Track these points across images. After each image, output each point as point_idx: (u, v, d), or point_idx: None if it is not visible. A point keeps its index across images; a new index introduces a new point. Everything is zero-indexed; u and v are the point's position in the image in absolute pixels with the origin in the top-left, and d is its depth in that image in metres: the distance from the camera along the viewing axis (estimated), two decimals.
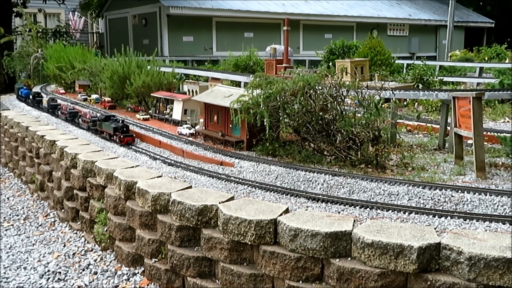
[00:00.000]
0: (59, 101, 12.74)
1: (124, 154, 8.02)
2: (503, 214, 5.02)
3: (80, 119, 10.26)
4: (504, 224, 4.74)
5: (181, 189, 6.08)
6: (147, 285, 6.02)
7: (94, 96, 13.29)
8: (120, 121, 8.75)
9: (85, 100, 13.55)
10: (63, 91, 15.64)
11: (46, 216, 8.88)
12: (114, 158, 7.71)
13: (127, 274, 6.31)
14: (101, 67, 13.11)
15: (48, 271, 6.57)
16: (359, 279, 4.53)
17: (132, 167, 7.16)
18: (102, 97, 13.13)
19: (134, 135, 8.74)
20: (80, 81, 15.10)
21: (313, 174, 6.35)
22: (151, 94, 11.11)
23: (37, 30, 21.85)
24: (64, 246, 7.43)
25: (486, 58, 23.14)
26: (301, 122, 7.09)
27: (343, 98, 7.28)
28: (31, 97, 13.97)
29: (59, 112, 11.55)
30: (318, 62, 19.47)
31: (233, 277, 5.23)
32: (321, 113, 7.03)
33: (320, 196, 5.69)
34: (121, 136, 8.47)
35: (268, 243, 5.04)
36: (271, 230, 5.02)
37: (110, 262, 6.70)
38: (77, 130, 10.13)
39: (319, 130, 7.08)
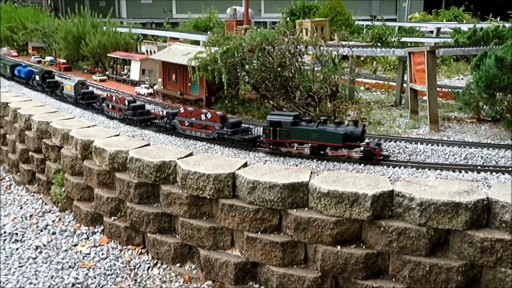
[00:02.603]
0: (92, 88, 8.84)
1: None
2: (454, 162, 5.19)
3: (177, 120, 6.46)
4: (454, 172, 4.91)
5: (139, 147, 6.01)
6: (107, 243, 6.00)
7: (48, 58, 12.88)
8: (352, 122, 5.53)
9: (39, 62, 13.11)
10: (15, 53, 15.08)
11: (1, 179, 8.65)
12: (69, 118, 7.52)
13: (86, 233, 6.26)
14: (55, 28, 12.65)
15: (4, 232, 6.45)
16: (315, 228, 4.63)
17: (89, 126, 7.02)
18: (57, 59, 12.73)
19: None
20: (33, 42, 14.56)
21: None
22: (108, 55, 10.83)
23: None
24: (21, 208, 7.28)
25: (445, 20, 23.49)
26: (259, 79, 7.07)
27: (301, 54, 7.28)
28: (37, 78, 9.51)
29: (103, 105, 7.67)
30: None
31: (193, 231, 5.26)
32: (279, 70, 7.02)
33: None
34: (376, 149, 5.27)
35: (227, 196, 5.07)
36: (229, 183, 5.04)
37: (69, 222, 6.62)
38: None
39: (278, 87, 7.08)
